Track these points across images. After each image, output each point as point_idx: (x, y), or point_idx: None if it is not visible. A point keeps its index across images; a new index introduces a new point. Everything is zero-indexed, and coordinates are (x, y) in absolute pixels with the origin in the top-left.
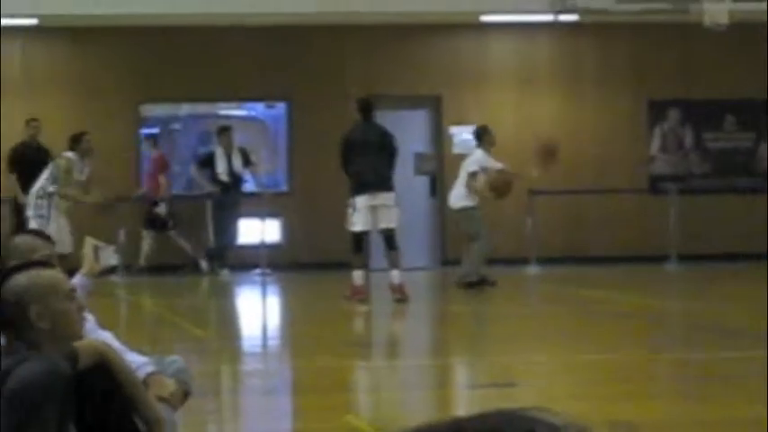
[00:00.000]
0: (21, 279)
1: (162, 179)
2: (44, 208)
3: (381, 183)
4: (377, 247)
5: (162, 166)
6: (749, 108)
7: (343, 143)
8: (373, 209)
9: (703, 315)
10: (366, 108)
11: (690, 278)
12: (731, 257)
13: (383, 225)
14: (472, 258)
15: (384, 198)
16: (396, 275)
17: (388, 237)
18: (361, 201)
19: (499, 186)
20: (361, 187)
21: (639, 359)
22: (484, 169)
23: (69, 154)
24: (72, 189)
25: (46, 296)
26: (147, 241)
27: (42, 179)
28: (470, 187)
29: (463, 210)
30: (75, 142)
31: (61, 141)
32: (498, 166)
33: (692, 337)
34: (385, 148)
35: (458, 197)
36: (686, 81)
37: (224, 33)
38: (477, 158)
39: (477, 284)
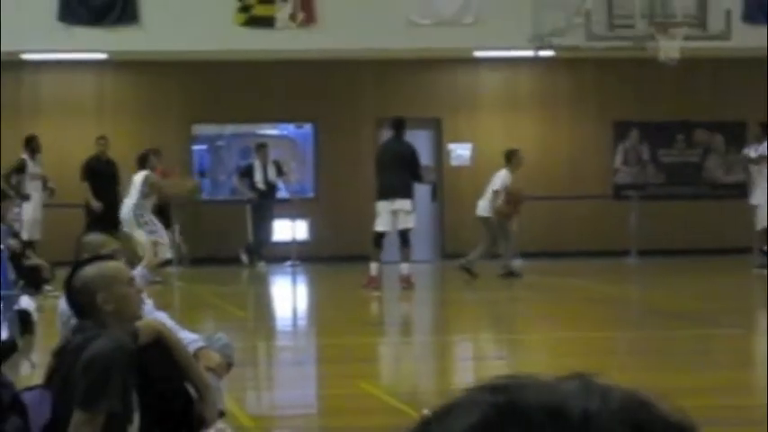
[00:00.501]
0: (89, 270)
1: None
2: (152, 223)
3: (399, 191)
4: (389, 243)
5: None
6: (696, 128)
7: (376, 156)
8: (394, 213)
9: (658, 301)
10: (396, 126)
11: (647, 270)
12: (682, 253)
13: (401, 226)
14: (506, 255)
15: (401, 204)
16: (405, 268)
17: (404, 235)
18: (383, 206)
19: (506, 209)
20: (383, 194)
21: (605, 336)
22: (505, 188)
23: (146, 172)
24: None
25: (110, 284)
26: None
27: (135, 199)
28: (492, 203)
29: (487, 218)
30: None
31: (126, 156)
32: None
33: (648, 319)
34: (407, 162)
35: (484, 208)
36: (644, 106)
37: (261, 66)
38: (502, 177)
39: (510, 275)
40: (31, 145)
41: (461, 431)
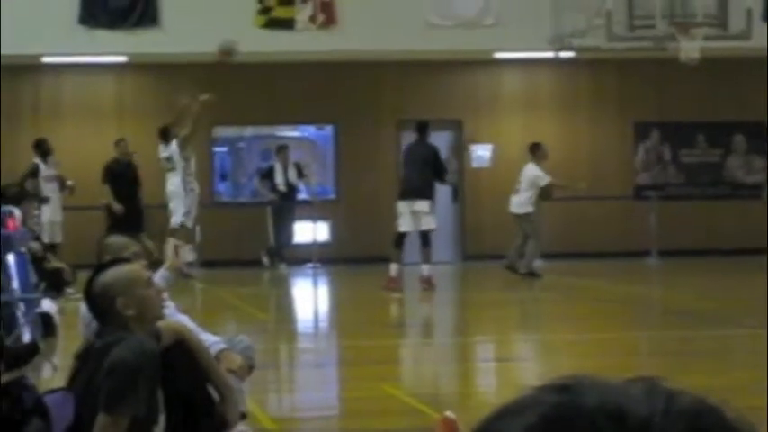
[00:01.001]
0: (107, 276)
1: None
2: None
3: (420, 192)
4: (410, 244)
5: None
6: (716, 129)
7: (402, 157)
8: (414, 213)
9: (678, 301)
10: (420, 129)
11: (667, 271)
12: (702, 253)
13: (423, 227)
14: (530, 254)
15: (420, 205)
16: (426, 269)
17: (425, 236)
18: (402, 206)
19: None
20: (403, 195)
21: (625, 337)
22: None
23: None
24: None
25: (129, 288)
26: None
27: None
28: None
29: (525, 215)
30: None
31: (147, 158)
32: (547, 178)
33: (669, 320)
34: (428, 164)
35: (517, 204)
36: (665, 106)
37: (282, 69)
38: (530, 170)
39: (529, 275)
40: (42, 148)
41: (520, 430)
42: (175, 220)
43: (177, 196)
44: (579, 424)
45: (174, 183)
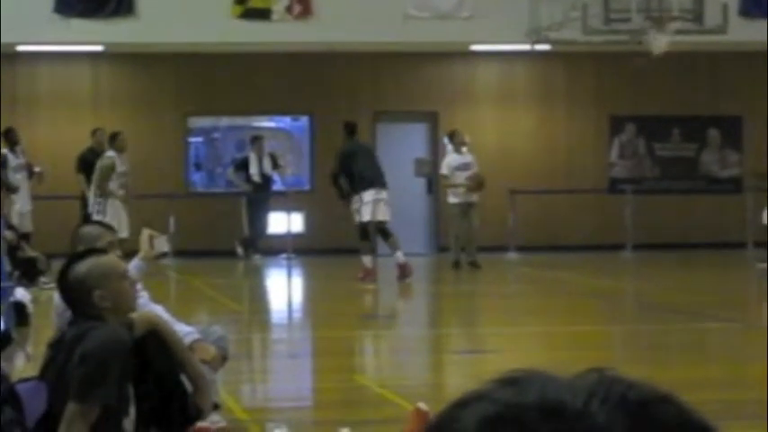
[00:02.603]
0: (83, 266)
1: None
2: (100, 204)
3: (383, 181)
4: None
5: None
6: (692, 123)
7: (343, 154)
8: (376, 202)
9: (652, 294)
10: (351, 129)
11: (642, 264)
12: (677, 247)
13: (380, 217)
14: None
15: (385, 194)
16: (399, 255)
17: (384, 228)
18: (368, 195)
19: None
20: (368, 184)
21: (599, 330)
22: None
23: (110, 153)
24: (113, 184)
25: (105, 280)
26: None
27: (95, 179)
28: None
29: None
30: (113, 140)
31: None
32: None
33: (643, 313)
34: (375, 157)
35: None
36: (640, 100)
37: (257, 59)
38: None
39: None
40: (9, 138)
41: (471, 424)
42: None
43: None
44: (518, 419)
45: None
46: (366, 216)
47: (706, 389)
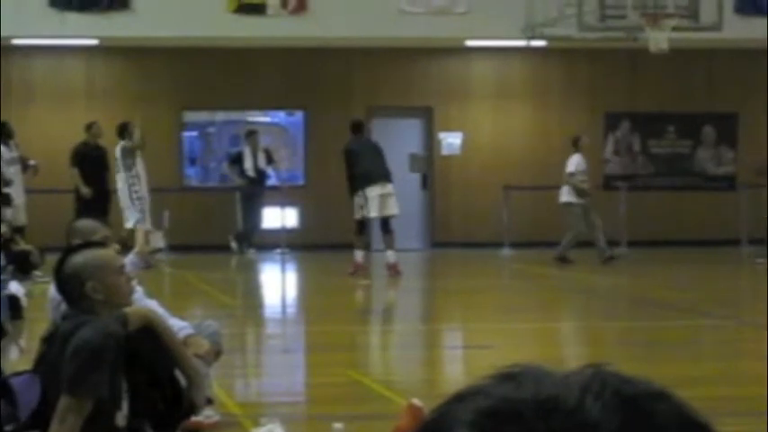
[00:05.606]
0: (78, 259)
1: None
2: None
3: (387, 175)
4: (377, 231)
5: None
6: (687, 120)
7: (346, 152)
8: (382, 197)
9: (647, 291)
10: (358, 127)
11: (636, 261)
12: (671, 244)
13: (388, 212)
14: (566, 241)
15: (389, 188)
16: (391, 256)
17: (386, 222)
18: (371, 191)
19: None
20: (371, 180)
21: (594, 326)
22: (579, 171)
23: (123, 142)
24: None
25: (100, 273)
26: None
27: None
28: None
29: (567, 204)
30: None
31: (116, 142)
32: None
33: (637, 310)
34: (380, 152)
35: (564, 194)
36: (635, 97)
37: (252, 53)
38: (574, 161)
39: (563, 260)
40: (3, 131)
41: (458, 423)
42: (128, 225)
43: (124, 198)
44: (514, 414)
45: (120, 183)
46: (373, 212)
47: (700, 385)
